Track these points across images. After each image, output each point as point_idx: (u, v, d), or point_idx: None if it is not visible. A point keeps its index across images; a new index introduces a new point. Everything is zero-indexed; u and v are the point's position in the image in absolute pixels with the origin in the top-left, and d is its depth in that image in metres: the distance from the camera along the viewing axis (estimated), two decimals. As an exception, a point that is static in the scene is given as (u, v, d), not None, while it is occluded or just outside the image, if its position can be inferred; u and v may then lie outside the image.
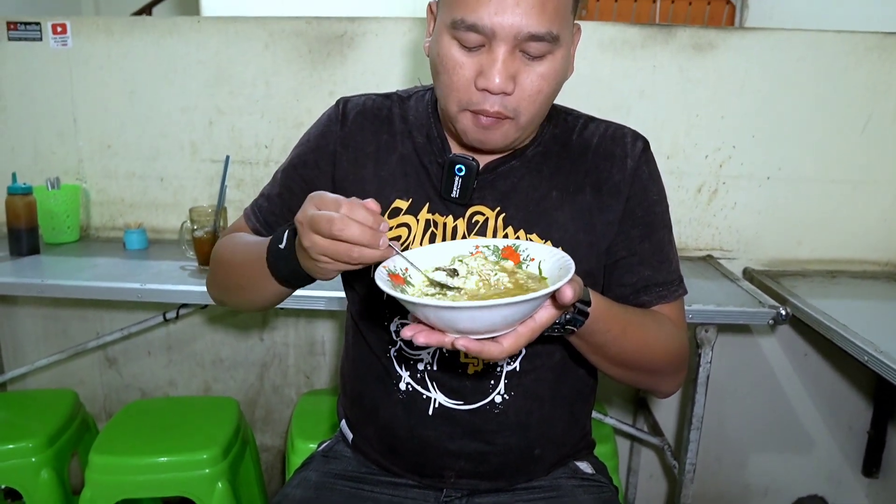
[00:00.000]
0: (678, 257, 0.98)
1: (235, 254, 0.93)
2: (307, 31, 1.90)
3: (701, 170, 1.92)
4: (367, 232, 0.67)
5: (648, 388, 0.98)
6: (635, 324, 0.87)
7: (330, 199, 0.69)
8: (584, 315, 0.77)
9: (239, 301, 0.98)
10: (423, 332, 0.64)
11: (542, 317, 0.68)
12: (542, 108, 0.84)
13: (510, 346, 0.66)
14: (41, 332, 2.18)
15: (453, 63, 0.81)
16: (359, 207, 0.68)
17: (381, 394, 0.97)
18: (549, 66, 0.80)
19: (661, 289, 0.93)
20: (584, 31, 1.81)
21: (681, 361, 0.94)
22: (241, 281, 0.92)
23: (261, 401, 2.21)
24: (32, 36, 1.95)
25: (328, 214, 0.67)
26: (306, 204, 0.71)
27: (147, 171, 2.03)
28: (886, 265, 1.97)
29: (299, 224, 0.71)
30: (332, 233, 0.67)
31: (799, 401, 2.08)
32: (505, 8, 0.76)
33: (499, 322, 0.63)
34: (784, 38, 1.84)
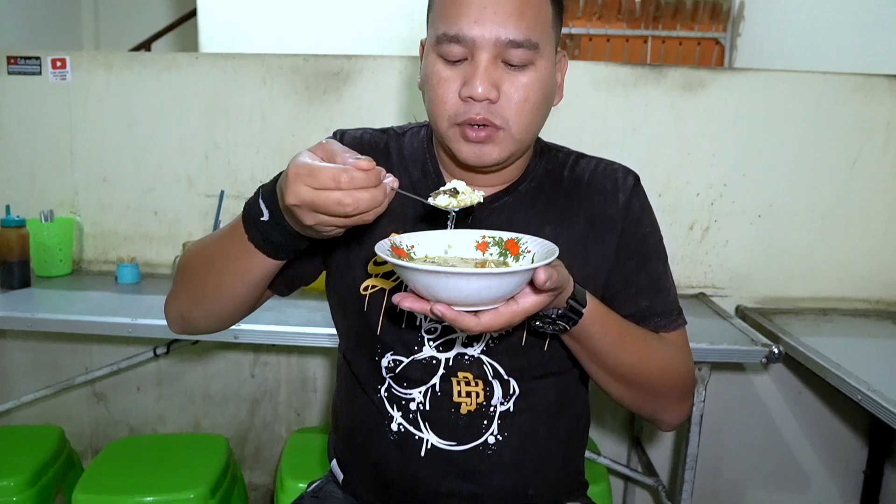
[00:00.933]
0: (675, 288, 0.98)
1: (206, 244, 0.88)
2: (304, 67, 1.93)
3: (693, 207, 1.94)
4: (376, 195, 0.67)
5: (652, 414, 0.96)
6: (634, 335, 0.87)
7: (324, 173, 0.65)
8: (577, 314, 0.77)
9: (209, 306, 0.89)
10: (409, 298, 0.68)
11: (525, 301, 0.69)
12: (531, 119, 0.84)
13: (487, 321, 0.67)
14: (29, 365, 2.16)
15: (438, 78, 0.83)
16: (358, 174, 0.65)
17: (373, 434, 0.96)
18: (532, 75, 0.82)
19: (659, 318, 0.93)
20: (577, 70, 1.87)
21: (685, 387, 0.94)
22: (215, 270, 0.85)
23: (251, 437, 2.18)
24: (32, 70, 1.97)
25: (334, 197, 0.65)
26: (294, 183, 0.66)
27: (142, 204, 2.03)
28: (878, 303, 1.98)
29: (296, 207, 0.67)
30: (345, 213, 0.66)
31: (794, 440, 2.06)
32: (484, 17, 0.79)
33: (475, 293, 0.65)
34: (772, 78, 1.88)
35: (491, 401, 0.92)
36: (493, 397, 0.92)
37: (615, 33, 3.55)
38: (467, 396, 0.91)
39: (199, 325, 0.93)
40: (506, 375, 0.92)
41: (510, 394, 0.92)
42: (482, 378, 0.91)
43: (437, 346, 0.91)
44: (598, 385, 0.91)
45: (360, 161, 0.66)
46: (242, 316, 0.93)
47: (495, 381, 0.92)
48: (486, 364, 0.91)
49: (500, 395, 0.92)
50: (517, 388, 0.92)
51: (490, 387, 0.92)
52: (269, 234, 0.77)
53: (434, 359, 0.92)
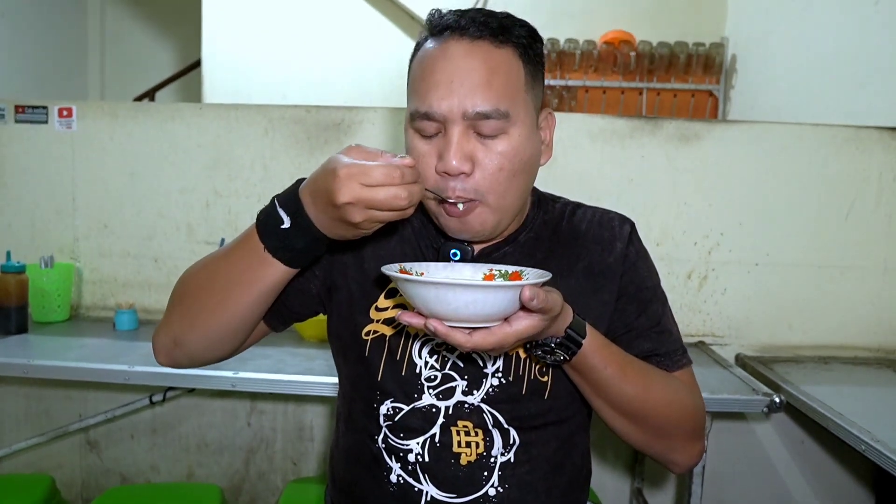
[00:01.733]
0: (678, 329, 0.98)
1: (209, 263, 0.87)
2: (306, 118, 1.97)
3: (690, 256, 1.95)
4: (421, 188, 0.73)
5: (662, 454, 0.94)
6: (637, 367, 0.86)
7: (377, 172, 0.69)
8: (576, 343, 0.78)
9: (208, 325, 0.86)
10: (407, 313, 0.72)
11: (518, 324, 0.71)
12: (507, 187, 0.84)
13: (478, 340, 0.70)
14: (22, 412, 2.13)
15: (417, 154, 0.85)
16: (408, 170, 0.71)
17: (372, 485, 0.94)
18: (506, 144, 0.83)
19: (662, 358, 0.93)
20: (573, 122, 1.91)
21: (694, 425, 0.92)
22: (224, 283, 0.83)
23: (245, 488, 2.13)
24: (39, 119, 2.01)
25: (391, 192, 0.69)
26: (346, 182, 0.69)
27: (142, 251, 2.04)
28: (878, 351, 1.97)
29: (349, 205, 0.70)
30: (401, 206, 0.70)
31: (799, 490, 2.03)
32: (452, 91, 0.81)
33: (462, 307, 0.68)
34: (765, 130, 1.92)
35: (491, 451, 0.91)
36: (493, 447, 0.91)
37: (611, 85, 3.63)
38: (467, 447, 0.90)
39: (194, 349, 0.89)
40: (506, 424, 0.91)
41: (510, 444, 0.91)
42: (482, 427, 0.91)
43: (437, 393, 0.91)
44: (605, 422, 0.90)
45: (406, 158, 0.71)
46: (240, 342, 0.91)
47: (495, 430, 0.91)
48: (486, 413, 0.91)
49: (500, 445, 0.91)
50: (517, 437, 0.91)
51: (490, 436, 0.91)
52: (291, 240, 0.78)
53: (434, 407, 0.91)
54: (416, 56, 0.87)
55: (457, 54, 0.81)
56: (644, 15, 3.75)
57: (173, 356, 0.90)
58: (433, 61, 0.82)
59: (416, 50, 0.88)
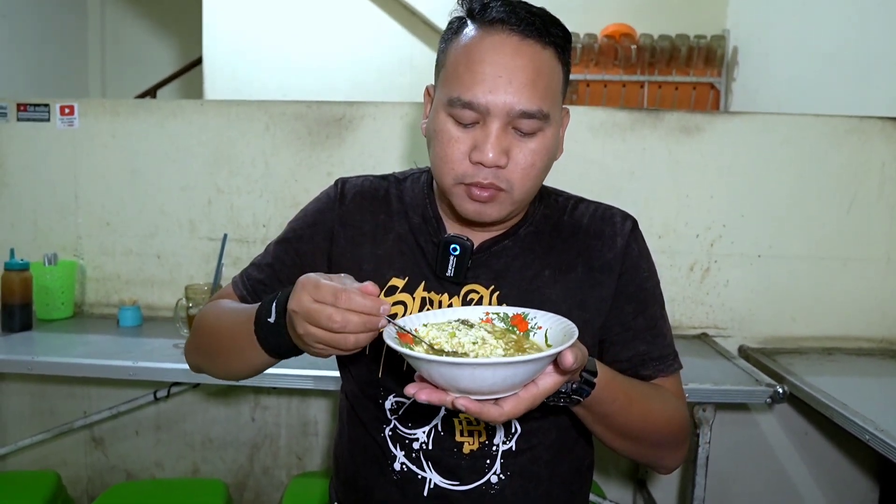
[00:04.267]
0: (671, 332, 0.98)
1: (221, 320, 0.92)
2: (307, 114, 1.97)
3: (692, 248, 1.95)
4: (367, 321, 0.68)
5: (651, 462, 0.96)
6: (640, 395, 0.87)
7: (326, 288, 0.68)
8: (591, 385, 0.77)
9: (220, 369, 0.96)
10: (426, 390, 0.66)
11: (545, 383, 0.68)
12: (534, 182, 0.86)
13: (510, 410, 0.66)
14: (27, 409, 2.14)
15: (449, 138, 0.84)
16: (357, 296, 0.68)
17: (376, 475, 0.95)
18: (540, 142, 0.84)
19: (657, 363, 0.94)
20: (575, 115, 1.90)
21: (684, 435, 0.94)
22: (225, 348, 0.90)
23: (250, 483, 2.14)
24: (41, 117, 2.01)
25: (327, 311, 0.67)
26: (300, 292, 0.70)
27: (144, 248, 2.05)
28: (881, 342, 1.97)
29: (294, 313, 0.71)
30: (331, 328, 0.67)
31: (802, 481, 2.03)
32: (498, 87, 0.80)
33: (499, 382, 0.63)
34: (767, 121, 1.91)
35: (493, 440, 0.91)
36: (495, 437, 0.91)
37: (612, 79, 3.63)
38: (469, 436, 0.91)
39: (215, 376, 1.00)
40: None
41: (512, 432, 0.92)
42: None
43: None
44: (602, 442, 0.91)
45: (367, 285, 0.69)
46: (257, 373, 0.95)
47: None
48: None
49: (502, 434, 0.91)
50: (519, 426, 0.92)
51: (492, 426, 0.91)
52: (272, 335, 0.80)
53: None
54: (456, 40, 0.85)
55: (507, 50, 0.81)
56: (645, 8, 3.74)
57: (201, 372, 1.01)
58: (482, 52, 0.81)
59: (453, 32, 0.87)
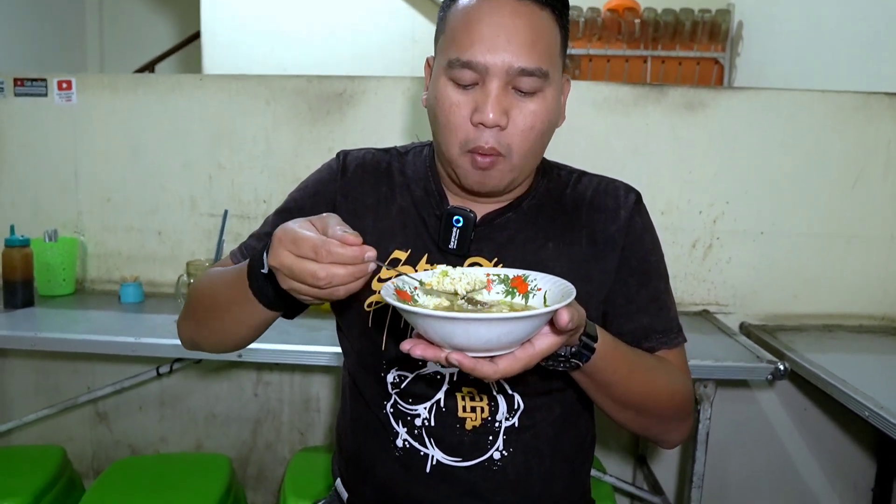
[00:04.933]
0: (675, 307, 0.98)
1: (215, 282, 0.91)
2: (308, 89, 1.95)
3: (695, 225, 1.94)
4: (353, 272, 0.66)
5: (655, 436, 0.96)
6: (642, 365, 0.86)
7: (305, 244, 0.66)
8: (590, 350, 0.76)
9: (216, 336, 0.92)
10: (421, 345, 0.66)
11: (542, 343, 0.68)
12: (534, 146, 0.86)
13: (505, 367, 0.65)
14: (31, 385, 2.15)
15: (450, 103, 0.84)
16: (338, 248, 0.65)
17: (378, 451, 0.96)
18: (540, 103, 0.84)
19: (661, 336, 0.94)
20: (578, 90, 1.88)
21: (688, 408, 0.94)
22: (221, 309, 0.88)
23: (253, 458, 2.16)
24: (38, 92, 1.99)
25: (310, 268, 0.66)
26: (277, 247, 0.68)
27: (145, 224, 2.04)
28: (882, 319, 1.97)
29: (275, 269, 0.69)
30: (318, 285, 0.66)
31: (801, 457, 2.05)
32: (497, 45, 0.80)
33: (493, 340, 0.62)
34: (773, 97, 1.89)
35: (496, 416, 0.92)
36: (497, 412, 0.92)
37: (615, 54, 3.58)
38: (472, 412, 0.91)
39: (209, 348, 0.97)
40: (510, 390, 0.92)
41: (515, 409, 0.92)
42: (486, 393, 0.91)
43: None
44: (605, 413, 0.91)
45: (348, 235, 0.67)
46: (249, 343, 0.95)
47: (500, 395, 0.92)
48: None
49: (504, 410, 0.92)
50: (521, 403, 0.92)
51: (495, 402, 0.92)
52: (265, 287, 0.79)
53: (438, 374, 0.92)
54: (454, 6, 0.86)
55: (505, 11, 0.81)
56: (649, -19, 3.68)
57: (193, 348, 0.99)
58: (480, 14, 0.82)
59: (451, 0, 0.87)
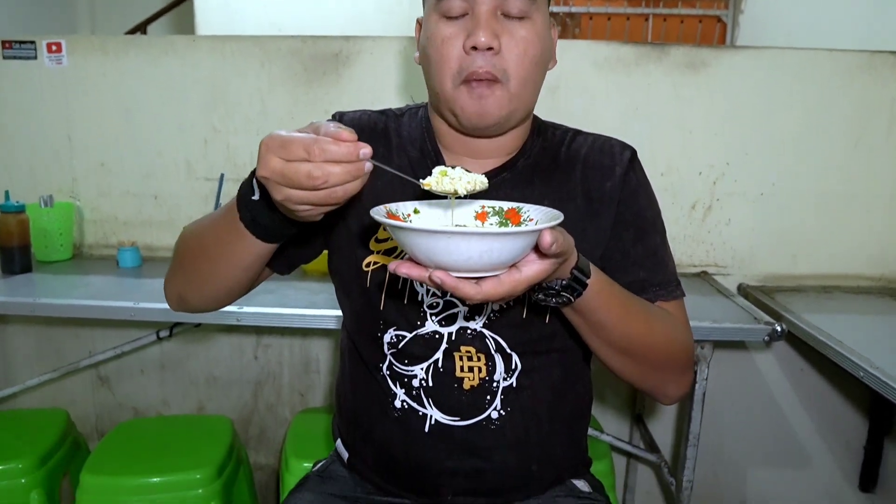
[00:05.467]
0: (674, 262, 0.98)
1: (202, 225, 0.88)
2: (302, 49, 1.91)
3: (695, 187, 1.93)
4: (349, 169, 0.63)
5: (652, 388, 0.95)
6: (638, 307, 0.86)
7: (295, 144, 0.63)
8: (582, 285, 0.75)
9: (206, 285, 0.88)
10: (406, 265, 0.65)
11: (528, 270, 0.66)
12: (529, 73, 0.85)
13: (488, 290, 0.64)
14: (33, 350, 2.16)
15: (441, 37, 0.84)
16: (332, 145, 0.62)
17: (377, 412, 0.97)
18: (529, 28, 0.84)
19: (657, 289, 0.93)
20: (578, 50, 1.86)
21: (686, 359, 0.93)
22: (210, 251, 0.84)
23: (255, 419, 2.19)
24: (27, 55, 1.96)
25: (303, 169, 0.62)
26: (266, 155, 0.64)
27: (141, 189, 2.03)
28: (880, 280, 1.98)
29: (266, 180, 0.65)
30: (314, 186, 0.63)
31: (795, 417, 2.07)
32: None
33: (475, 257, 0.61)
34: (776, 56, 1.86)
35: (493, 376, 0.92)
36: (495, 372, 0.92)
37: (616, 12, 3.52)
38: (469, 371, 0.92)
39: (196, 305, 0.94)
40: (508, 349, 0.92)
41: (513, 369, 0.93)
42: (485, 352, 0.92)
43: (439, 320, 0.92)
44: (600, 360, 0.90)
45: (341, 132, 0.64)
46: (239, 296, 0.93)
47: (498, 355, 0.92)
48: (489, 338, 0.92)
49: (502, 369, 0.92)
50: (520, 363, 0.93)
51: (493, 361, 0.92)
52: (259, 215, 0.76)
53: (437, 333, 0.92)
54: None
55: None
56: (651, -64, 3.59)
57: (182, 306, 0.95)
58: None
59: None
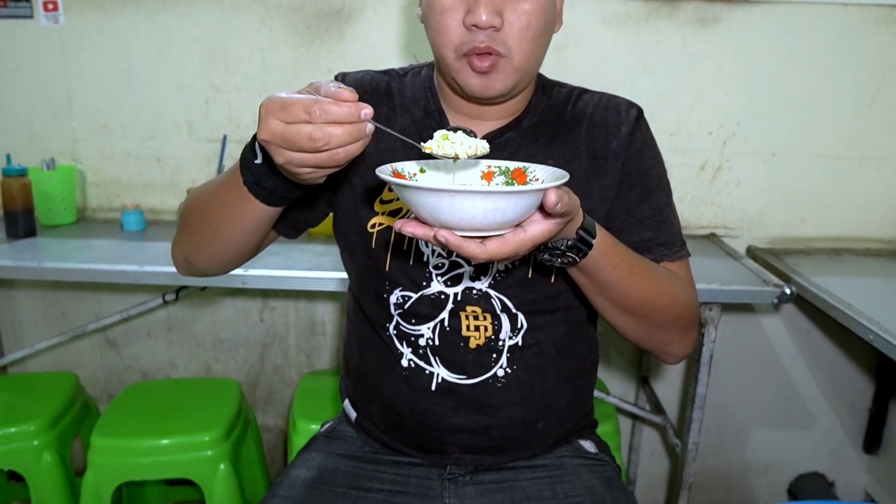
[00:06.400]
0: (679, 222, 0.97)
1: (207, 189, 0.87)
2: (304, 6, 1.87)
3: (704, 147, 1.89)
4: (351, 130, 0.62)
5: (657, 347, 0.95)
6: (643, 266, 0.86)
7: (296, 105, 0.62)
8: (587, 245, 0.75)
9: (211, 248, 0.88)
10: (411, 224, 0.65)
11: (533, 229, 0.66)
12: (533, 46, 0.83)
13: (493, 249, 0.64)
14: (40, 314, 2.17)
15: (441, 8, 0.82)
16: (331, 105, 0.61)
17: (384, 371, 0.97)
18: (533, 2, 0.81)
19: (663, 248, 0.93)
20: (586, 5, 1.81)
21: (691, 318, 0.93)
22: (215, 213, 0.84)
23: (262, 381, 2.21)
24: (23, 13, 1.91)
25: (305, 131, 0.61)
26: (266, 117, 0.64)
27: (143, 151, 2.00)
28: (890, 243, 1.95)
29: (267, 143, 0.64)
30: (316, 148, 0.62)
31: (801, 379, 2.08)
32: None
33: (480, 216, 0.61)
34: (791, 11, 1.81)
35: (499, 335, 0.92)
36: (501, 331, 0.92)
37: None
38: (476, 331, 0.92)
39: (203, 269, 0.94)
40: (514, 309, 0.92)
41: (518, 328, 0.92)
42: (490, 312, 0.91)
43: (445, 280, 0.91)
44: (605, 318, 0.90)
45: (341, 91, 0.62)
46: (245, 260, 0.93)
47: (503, 314, 0.92)
48: (494, 298, 0.91)
49: (508, 329, 0.92)
50: (525, 322, 0.92)
51: (498, 321, 0.92)
52: (262, 178, 0.75)
53: (442, 293, 0.91)
54: None
55: None
56: None
57: (189, 270, 0.95)
58: None
59: None
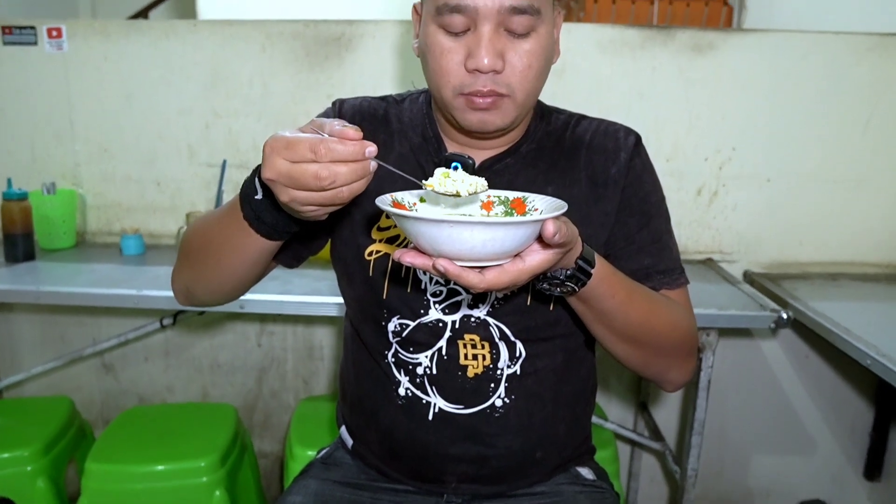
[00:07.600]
0: (678, 248, 0.97)
1: (208, 220, 0.88)
2: (304, 33, 1.89)
3: (701, 171, 1.91)
4: (356, 168, 0.63)
5: (656, 374, 0.95)
6: (642, 294, 0.86)
7: (301, 145, 0.62)
8: (586, 274, 0.75)
9: (212, 278, 0.88)
10: (410, 253, 0.65)
11: (532, 259, 0.66)
12: (534, 85, 0.84)
13: (492, 279, 0.64)
14: (37, 338, 2.17)
15: (441, 49, 0.81)
16: (337, 144, 0.62)
17: (381, 399, 0.96)
18: (534, 42, 0.81)
19: (662, 276, 0.93)
20: (583, 33, 1.83)
21: (690, 345, 0.93)
22: (215, 246, 0.84)
23: (259, 406, 2.19)
24: (28, 40, 1.94)
25: (310, 170, 0.61)
26: (271, 156, 0.63)
27: (144, 175, 2.02)
28: (887, 267, 1.96)
29: (271, 182, 0.64)
30: (321, 187, 0.62)
31: (801, 403, 2.07)
32: None
33: (478, 246, 0.61)
34: (784, 39, 1.83)
35: (497, 363, 0.92)
36: (499, 360, 0.92)
37: (621, -5, 3.47)
38: (474, 359, 0.91)
39: (203, 299, 0.94)
40: (512, 337, 0.91)
41: (517, 356, 0.92)
42: (489, 340, 0.91)
43: (443, 308, 0.91)
44: (604, 347, 0.90)
45: (346, 130, 0.63)
46: (246, 289, 0.93)
47: (502, 342, 0.91)
48: (493, 326, 0.91)
49: (506, 357, 0.92)
50: (523, 350, 0.92)
51: (496, 349, 0.91)
52: (262, 213, 0.76)
53: (440, 321, 0.91)
54: None
55: None
56: (658, -83, 3.53)
57: (189, 300, 0.95)
58: None
59: None
